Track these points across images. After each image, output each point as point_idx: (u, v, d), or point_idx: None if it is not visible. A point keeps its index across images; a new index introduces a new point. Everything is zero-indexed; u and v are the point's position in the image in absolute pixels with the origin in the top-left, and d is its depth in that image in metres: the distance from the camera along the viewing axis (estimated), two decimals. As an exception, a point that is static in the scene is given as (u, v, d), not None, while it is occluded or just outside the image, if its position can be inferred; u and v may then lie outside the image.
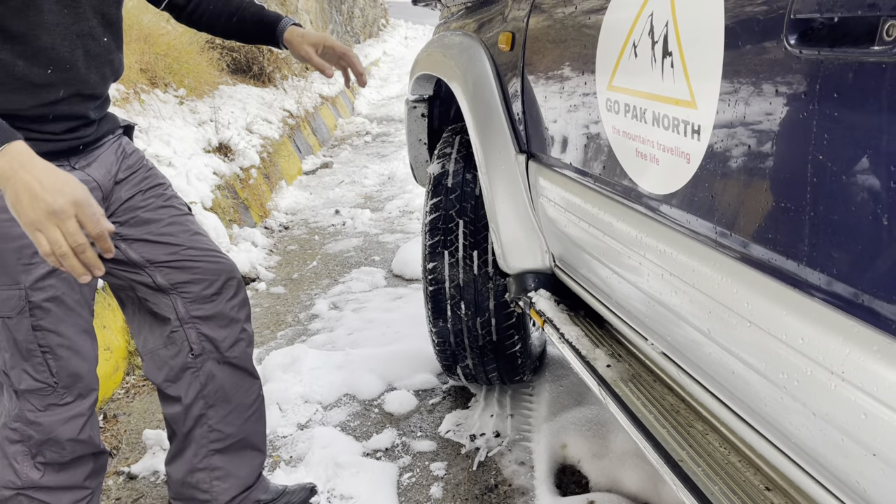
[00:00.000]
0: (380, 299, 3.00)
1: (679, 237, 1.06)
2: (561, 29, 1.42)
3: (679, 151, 1.02)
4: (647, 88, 1.08)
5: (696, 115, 0.96)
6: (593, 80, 1.26)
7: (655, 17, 1.05)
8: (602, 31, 1.23)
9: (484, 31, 1.86)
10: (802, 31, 0.77)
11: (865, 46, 0.68)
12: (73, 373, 1.32)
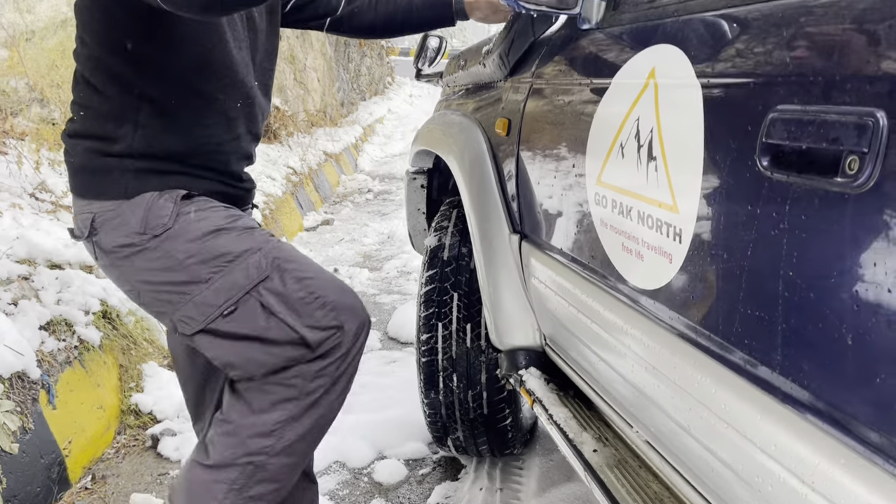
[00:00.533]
0: (374, 362, 3.02)
1: (662, 332, 1.09)
2: (554, 120, 1.48)
3: (662, 251, 1.06)
4: (633, 188, 1.14)
5: (678, 219, 1.01)
6: (584, 173, 1.32)
7: (641, 122, 1.11)
8: (592, 128, 1.29)
9: (482, 114, 1.93)
10: (773, 155, 0.82)
11: (829, 177, 0.73)
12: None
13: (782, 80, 0.82)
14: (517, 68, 1.70)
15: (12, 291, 2.33)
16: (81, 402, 2.35)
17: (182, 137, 1.32)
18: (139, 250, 1.26)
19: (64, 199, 3.00)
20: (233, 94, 1.35)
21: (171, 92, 1.30)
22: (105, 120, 1.28)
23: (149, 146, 1.29)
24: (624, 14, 1.29)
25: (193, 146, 1.33)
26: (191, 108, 1.32)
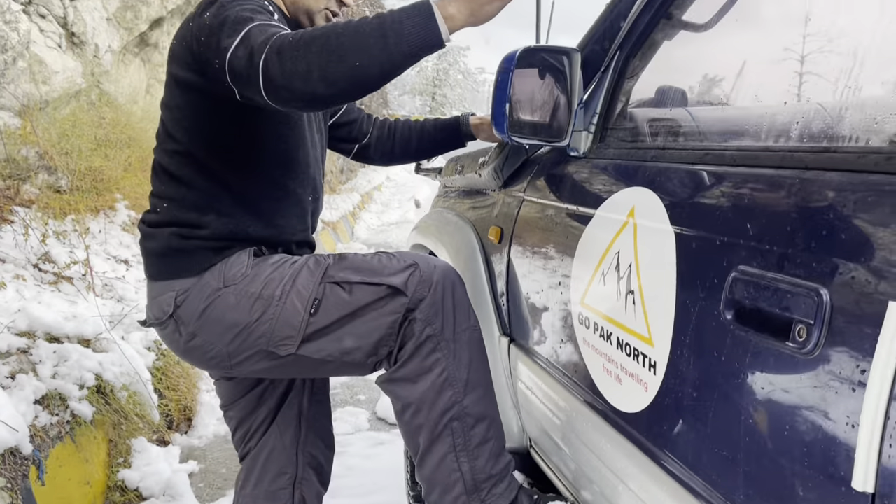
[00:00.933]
0: (361, 444, 3.05)
1: (637, 453, 1.16)
2: (543, 238, 1.58)
3: (639, 379, 1.14)
4: (613, 315, 1.22)
5: (654, 351, 1.09)
6: (569, 292, 1.41)
7: (622, 256, 1.20)
8: (577, 251, 1.38)
9: (476, 217, 2.03)
10: (736, 310, 0.91)
11: (782, 340, 0.82)
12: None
13: (744, 242, 0.91)
14: (510, 181, 1.81)
15: (10, 365, 2.38)
16: (69, 477, 2.37)
17: (263, 226, 1.45)
18: (219, 298, 1.37)
19: (66, 271, 3.08)
20: (307, 189, 1.52)
21: (256, 185, 1.44)
22: (189, 209, 1.41)
23: (231, 232, 1.41)
24: (609, 148, 1.41)
25: (273, 233, 1.47)
26: (272, 200, 1.46)
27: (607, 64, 1.45)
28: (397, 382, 1.42)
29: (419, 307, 1.38)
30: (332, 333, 1.38)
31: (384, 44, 1.10)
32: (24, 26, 4.17)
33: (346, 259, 1.44)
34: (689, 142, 1.20)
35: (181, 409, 3.13)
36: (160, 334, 1.50)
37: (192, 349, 1.44)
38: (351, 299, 1.37)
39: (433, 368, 1.39)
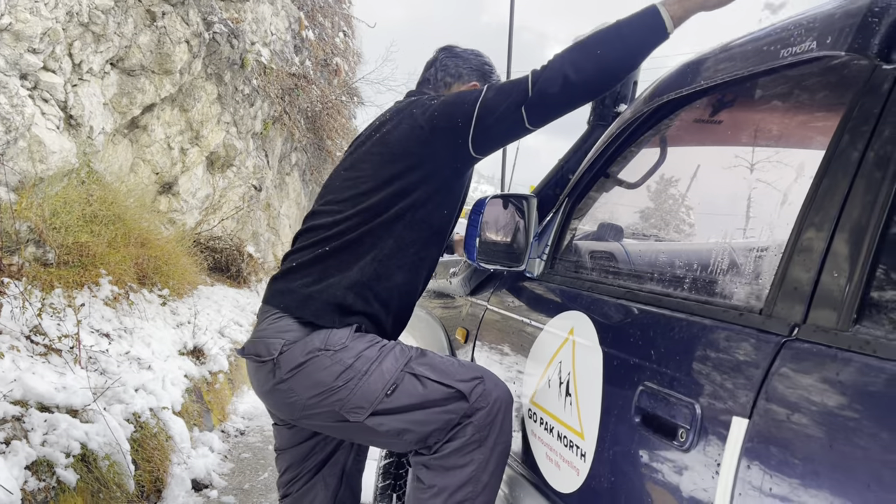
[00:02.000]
0: None
1: (571, 526, 1.45)
2: (501, 343, 1.90)
3: (572, 465, 1.44)
4: (555, 412, 1.53)
5: (584, 443, 1.40)
6: (521, 392, 1.72)
7: (563, 366, 1.52)
8: (529, 358, 1.70)
9: (445, 316, 2.35)
10: (642, 416, 1.23)
11: (671, 440, 1.14)
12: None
13: (649, 364, 1.24)
14: (476, 291, 2.14)
15: (6, 431, 2.56)
16: (50, 543, 2.52)
17: (406, 278, 1.75)
18: (315, 358, 1.62)
19: (56, 343, 3.27)
20: (439, 253, 1.80)
21: (433, 238, 1.76)
22: (359, 261, 1.69)
23: (368, 284, 1.69)
24: (556, 275, 1.75)
25: (408, 290, 1.77)
26: (430, 254, 1.77)
27: (558, 207, 1.82)
28: (432, 468, 1.66)
29: (475, 415, 1.64)
30: (397, 414, 1.63)
31: (621, 40, 1.54)
32: (29, 110, 4.47)
33: (426, 356, 1.70)
34: (616, 279, 1.55)
35: (153, 479, 3.28)
36: (251, 367, 1.73)
37: (276, 391, 1.67)
38: (423, 392, 1.63)
39: (467, 466, 1.64)
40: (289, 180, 11.74)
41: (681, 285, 1.32)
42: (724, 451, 1.01)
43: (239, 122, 8.20)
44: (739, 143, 1.41)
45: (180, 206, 7.44)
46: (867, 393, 0.84)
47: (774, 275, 1.06)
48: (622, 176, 1.75)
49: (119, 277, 4.60)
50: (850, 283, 0.93)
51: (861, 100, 0.99)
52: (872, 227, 0.92)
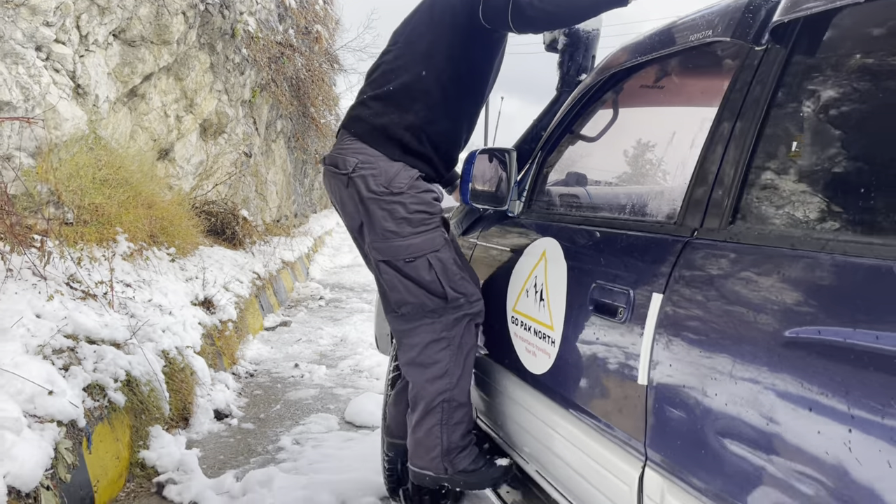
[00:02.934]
0: (334, 440, 3.71)
1: (546, 400, 1.92)
2: (489, 268, 2.35)
3: (545, 351, 1.90)
4: (532, 314, 1.99)
5: (553, 334, 1.86)
6: (505, 303, 2.17)
7: (538, 279, 1.98)
8: (511, 277, 2.16)
9: (441, 255, 2.79)
10: (595, 304, 1.69)
11: (612, 317, 1.60)
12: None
13: (599, 269, 1.70)
14: (467, 231, 2.59)
15: (63, 359, 2.99)
16: (106, 451, 2.97)
17: (450, 126, 2.19)
18: (377, 198, 2.07)
19: (93, 289, 3.68)
20: (482, 105, 2.25)
21: (468, 96, 2.20)
22: (411, 101, 2.12)
23: (419, 126, 2.12)
24: (532, 213, 2.20)
25: (453, 140, 2.22)
26: (468, 109, 2.22)
27: (533, 158, 2.26)
28: (413, 366, 2.16)
29: (444, 316, 2.15)
30: (399, 275, 2.13)
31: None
32: (45, 80, 4.80)
33: (447, 252, 2.16)
34: (578, 212, 2.00)
35: (181, 408, 3.73)
36: (328, 173, 2.20)
37: (343, 195, 2.15)
38: (426, 276, 2.12)
39: (438, 363, 2.14)
40: (275, 147, 12.05)
41: (623, 211, 1.78)
42: (647, 318, 1.47)
43: (230, 91, 8.50)
44: (666, 105, 1.86)
45: (176, 171, 7.78)
46: (734, 268, 1.30)
47: (683, 198, 1.51)
48: (584, 132, 2.19)
49: (133, 235, 4.99)
50: (728, 199, 1.38)
51: (741, 71, 1.44)
52: (742, 162, 1.37)
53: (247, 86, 9.18)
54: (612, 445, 1.58)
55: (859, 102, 1.29)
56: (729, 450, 1.20)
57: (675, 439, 1.35)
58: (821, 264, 1.12)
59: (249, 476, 3.08)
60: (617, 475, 1.54)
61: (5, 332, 2.86)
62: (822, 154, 1.34)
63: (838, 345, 1.02)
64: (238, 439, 3.71)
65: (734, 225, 1.37)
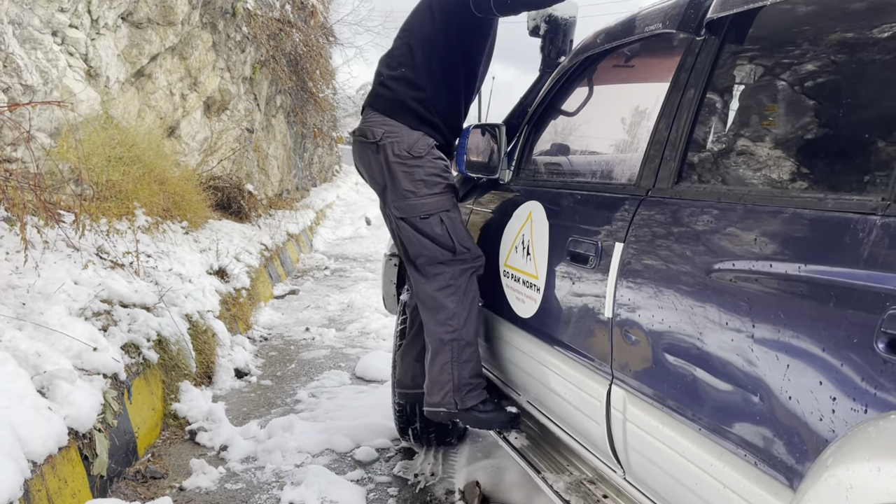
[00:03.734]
0: (347, 392, 4.06)
1: (534, 339, 2.24)
2: (483, 230, 2.67)
3: (532, 298, 2.22)
4: (520, 267, 2.31)
5: (538, 282, 2.18)
6: (498, 260, 2.49)
7: (525, 237, 2.30)
8: (503, 237, 2.47)
9: (441, 220, 3.10)
10: (570, 255, 2.00)
11: (583, 265, 1.92)
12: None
13: (575, 225, 2.01)
14: (463, 199, 2.90)
15: (102, 321, 3.32)
16: (143, 403, 3.31)
17: (452, 100, 2.55)
18: (401, 161, 2.42)
19: (120, 259, 4.00)
20: (476, 81, 2.60)
21: (464, 74, 2.54)
22: (419, 79, 2.48)
23: (428, 99, 2.48)
24: (520, 180, 2.51)
25: (455, 111, 2.56)
26: (467, 84, 2.56)
27: (520, 132, 2.56)
28: (428, 311, 2.51)
29: (451, 266, 2.48)
30: (415, 232, 2.47)
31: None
32: (62, 63, 5.06)
33: (457, 213, 2.52)
34: (557, 178, 2.31)
35: (205, 367, 4.07)
36: (358, 143, 2.57)
37: (371, 161, 2.51)
38: (438, 231, 2.46)
39: (447, 307, 2.47)
40: (275, 122, 12.28)
41: (595, 176, 2.09)
42: (611, 263, 1.79)
43: (232, 68, 8.74)
44: (631, 83, 2.16)
45: (183, 148, 8.05)
46: (678, 218, 1.62)
47: (640, 163, 1.82)
48: (564, 107, 2.49)
49: (150, 210, 5.29)
50: (674, 162, 1.69)
51: (685, 57, 1.74)
52: (685, 132, 1.68)
53: (247, 63, 9.41)
54: (586, 371, 1.90)
55: (779, 81, 1.60)
56: (675, 366, 1.52)
57: (633, 360, 1.68)
58: (740, 213, 1.43)
59: (272, 423, 3.43)
60: (590, 394, 1.87)
61: (49, 297, 3.18)
62: (749, 124, 1.64)
63: (751, 275, 1.33)
64: (258, 394, 4.06)
65: (679, 184, 1.68)
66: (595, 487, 2.01)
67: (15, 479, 2.08)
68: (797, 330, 1.20)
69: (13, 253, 3.27)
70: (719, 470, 1.36)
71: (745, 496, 1.29)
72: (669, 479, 1.55)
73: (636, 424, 1.65)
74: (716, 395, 1.39)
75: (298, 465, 3.13)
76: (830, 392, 1.12)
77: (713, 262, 1.43)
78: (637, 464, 1.70)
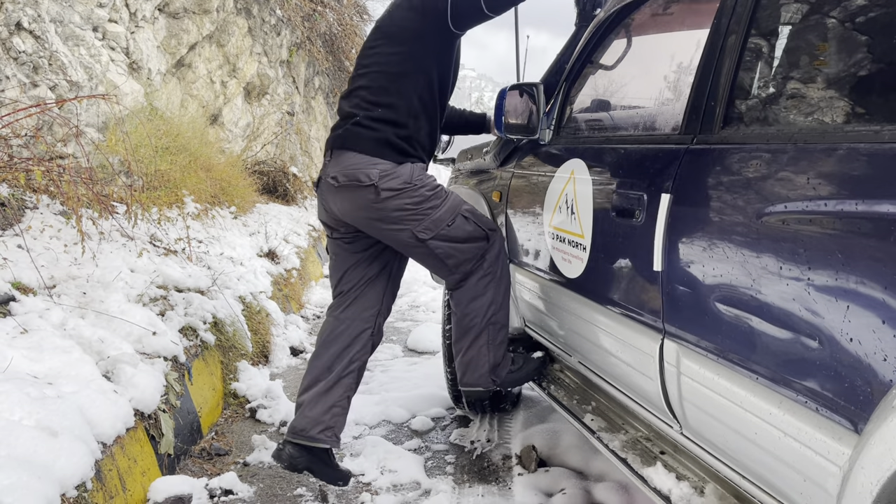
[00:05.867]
0: (400, 364, 4.10)
1: (583, 299, 2.21)
2: (526, 193, 2.63)
3: (578, 257, 2.19)
4: (565, 227, 2.28)
5: (583, 241, 2.15)
6: (542, 221, 2.46)
7: (568, 196, 2.26)
8: (546, 197, 2.44)
9: (483, 187, 3.08)
10: (616, 210, 1.96)
11: (631, 218, 1.87)
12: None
13: (619, 180, 1.97)
14: (504, 162, 2.86)
15: (159, 306, 3.41)
16: (204, 383, 3.40)
17: (432, 126, 2.49)
18: (406, 191, 2.35)
19: (173, 245, 4.09)
20: (441, 116, 2.53)
21: (440, 98, 2.48)
22: (400, 117, 2.40)
23: (411, 136, 2.41)
24: (561, 139, 2.46)
25: (434, 134, 2.51)
26: (441, 106, 2.51)
27: (558, 89, 2.51)
28: (464, 292, 2.49)
29: (489, 253, 2.47)
30: (450, 242, 2.41)
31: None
32: (104, 58, 5.17)
33: (468, 205, 2.49)
34: (598, 133, 2.26)
35: (261, 346, 4.16)
36: (347, 192, 2.40)
37: (371, 208, 2.38)
38: (470, 230, 2.43)
39: (487, 292, 2.47)
40: (314, 104, 12.36)
41: (637, 129, 2.04)
42: (658, 215, 1.74)
43: (269, 52, 8.80)
44: (669, 31, 2.08)
45: (226, 135, 8.17)
46: (725, 164, 1.56)
47: (683, 111, 1.76)
48: (602, 62, 2.43)
49: (198, 197, 5.40)
50: (719, 108, 1.63)
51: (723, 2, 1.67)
52: (728, 78, 1.62)
53: (283, 46, 9.46)
54: (637, 327, 1.87)
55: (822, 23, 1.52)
56: (729, 316, 1.48)
57: (685, 313, 1.64)
58: (791, 154, 1.37)
59: (329, 397, 3.49)
60: (642, 349, 1.84)
61: (108, 285, 3.28)
62: (799, 65, 1.57)
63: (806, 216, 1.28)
64: (314, 370, 4.13)
65: (725, 130, 1.62)
66: (652, 444, 1.99)
67: (86, 460, 2.16)
68: (857, 269, 1.16)
69: (71, 245, 3.37)
70: (779, 418, 1.33)
71: (808, 443, 1.25)
72: (728, 431, 1.52)
73: (690, 378, 1.62)
74: (772, 343, 1.35)
75: (356, 436, 3.18)
76: (894, 331, 1.07)
77: (765, 207, 1.38)
78: (693, 417, 1.67)
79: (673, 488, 1.77)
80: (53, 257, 3.14)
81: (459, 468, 2.88)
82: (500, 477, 2.79)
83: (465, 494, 2.66)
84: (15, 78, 4.35)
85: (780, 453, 1.35)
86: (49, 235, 3.34)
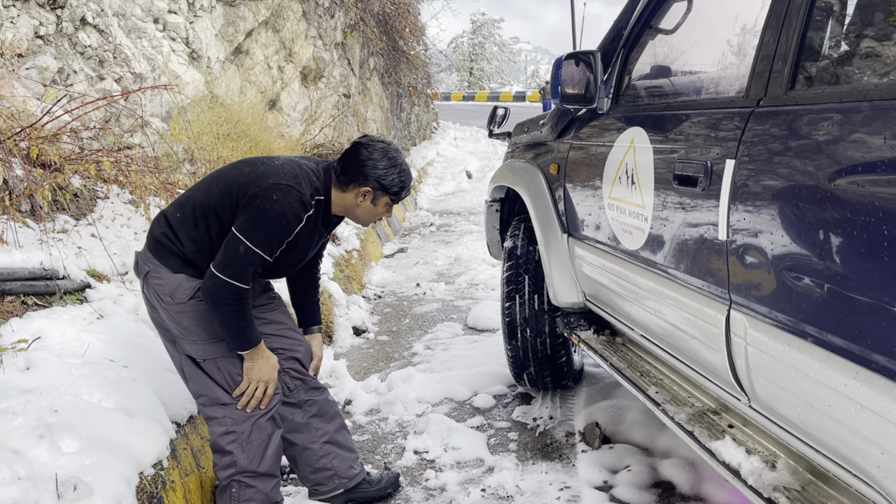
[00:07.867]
0: (460, 343, 4.11)
1: (643, 271, 2.16)
2: (585, 164, 2.58)
3: (639, 228, 2.14)
4: (625, 198, 2.22)
5: (644, 211, 2.09)
6: (601, 193, 2.41)
7: (628, 166, 2.20)
8: (605, 168, 2.38)
9: (539, 161, 3.03)
10: (678, 178, 1.90)
11: (693, 186, 1.81)
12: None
13: (680, 147, 1.90)
14: (562, 134, 2.81)
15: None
16: (270, 363, 3.47)
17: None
18: (164, 307, 2.19)
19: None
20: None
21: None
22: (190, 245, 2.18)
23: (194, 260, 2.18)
24: (619, 108, 2.40)
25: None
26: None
27: (616, 56, 2.44)
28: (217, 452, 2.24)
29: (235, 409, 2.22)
30: (197, 370, 2.22)
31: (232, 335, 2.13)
32: (166, 49, 5.29)
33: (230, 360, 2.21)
34: (659, 100, 2.18)
35: (324, 327, 4.23)
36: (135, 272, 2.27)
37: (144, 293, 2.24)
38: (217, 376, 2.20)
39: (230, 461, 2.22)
40: (370, 85, 12.40)
41: (699, 94, 1.96)
42: (723, 183, 1.68)
43: (323, 35, 8.86)
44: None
45: (285, 119, 8.29)
46: (794, 127, 1.49)
47: (748, 74, 1.69)
48: (661, 26, 2.34)
49: (260, 181, 5.50)
50: (785, 69, 1.55)
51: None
52: (796, 37, 1.53)
53: (338, 28, 9.51)
54: (702, 298, 1.82)
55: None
56: (799, 284, 1.41)
57: (752, 283, 1.58)
58: (866, 113, 1.29)
59: (392, 376, 3.53)
60: (708, 321, 1.78)
61: (176, 269, 3.38)
62: (873, 22, 1.48)
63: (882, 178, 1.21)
64: (377, 350, 4.18)
65: (793, 91, 1.54)
66: (719, 418, 1.93)
67: (162, 440, 2.24)
68: (940, 231, 1.08)
69: (141, 232, 3.48)
70: (854, 390, 1.26)
71: (885, 415, 1.19)
72: (799, 403, 1.46)
73: (759, 349, 1.56)
74: (846, 312, 1.28)
75: (419, 414, 3.20)
76: (983, 295, 1.00)
77: (837, 170, 1.31)
78: (762, 390, 1.61)
79: (743, 462, 1.72)
80: (125, 245, 3.24)
81: (522, 445, 2.87)
82: (564, 454, 2.77)
83: (529, 471, 2.65)
84: (82, 72, 4.50)
85: (857, 426, 1.29)
86: (120, 224, 3.46)
